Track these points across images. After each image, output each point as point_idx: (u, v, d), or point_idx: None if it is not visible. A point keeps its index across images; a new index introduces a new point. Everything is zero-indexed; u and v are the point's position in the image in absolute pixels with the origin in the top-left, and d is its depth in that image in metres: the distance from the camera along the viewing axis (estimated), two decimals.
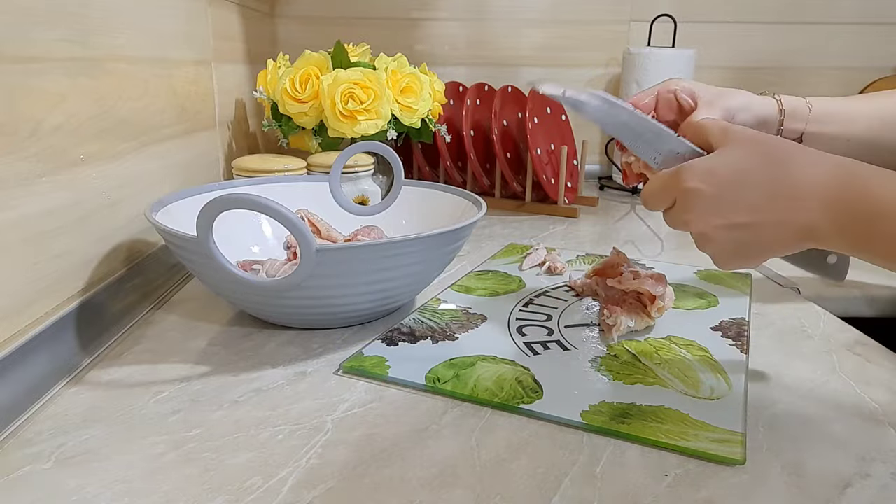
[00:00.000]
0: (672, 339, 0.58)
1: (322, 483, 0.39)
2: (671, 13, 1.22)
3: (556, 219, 1.05)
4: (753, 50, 1.37)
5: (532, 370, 0.52)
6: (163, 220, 0.55)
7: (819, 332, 0.61)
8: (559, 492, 0.38)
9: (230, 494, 0.37)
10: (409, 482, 0.39)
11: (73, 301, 0.54)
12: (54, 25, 0.51)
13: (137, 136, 0.66)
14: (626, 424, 0.44)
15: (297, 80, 0.92)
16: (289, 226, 0.47)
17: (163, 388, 0.49)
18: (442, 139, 1.08)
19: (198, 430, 0.44)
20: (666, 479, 0.39)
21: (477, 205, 0.65)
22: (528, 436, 0.44)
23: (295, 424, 0.45)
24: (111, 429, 0.44)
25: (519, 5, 1.34)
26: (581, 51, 1.36)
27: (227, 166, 0.95)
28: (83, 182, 0.55)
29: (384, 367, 0.52)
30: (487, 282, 0.73)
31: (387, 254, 0.53)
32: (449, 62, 1.36)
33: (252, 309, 0.59)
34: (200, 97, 0.85)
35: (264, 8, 1.25)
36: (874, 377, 0.52)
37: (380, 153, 0.72)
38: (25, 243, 0.47)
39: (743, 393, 0.49)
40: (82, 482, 0.38)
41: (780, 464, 0.41)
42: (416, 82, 0.96)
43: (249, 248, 0.70)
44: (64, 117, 0.52)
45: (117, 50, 0.62)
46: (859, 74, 1.35)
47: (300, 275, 0.49)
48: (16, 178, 0.46)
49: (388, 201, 0.75)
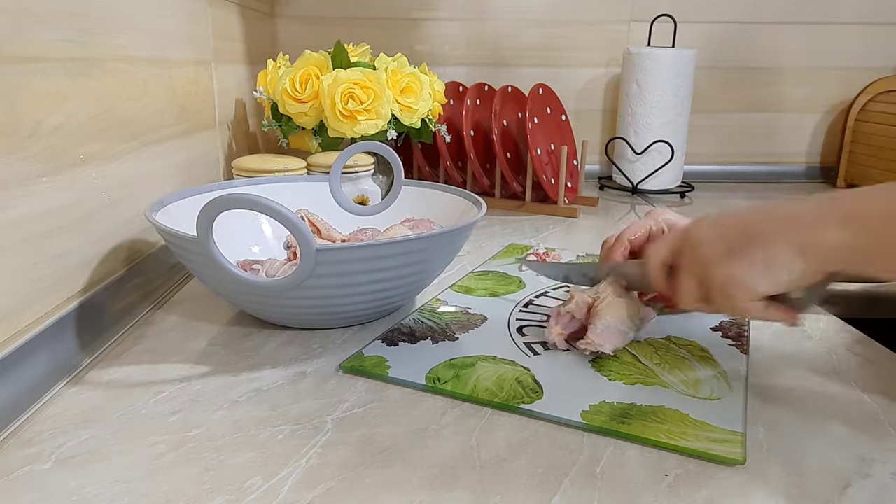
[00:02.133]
0: (672, 339, 0.58)
1: (322, 483, 0.39)
2: (671, 13, 1.22)
3: (556, 219, 1.05)
4: (753, 50, 1.37)
5: (532, 370, 0.52)
6: (163, 220, 0.55)
7: (819, 332, 0.61)
8: (559, 492, 0.38)
9: (230, 494, 0.37)
10: (409, 482, 0.39)
11: (73, 301, 0.54)
12: (54, 25, 0.51)
13: (137, 136, 0.66)
14: (626, 424, 0.44)
15: (297, 80, 0.92)
16: (289, 226, 0.47)
17: (163, 388, 0.49)
18: (442, 139, 1.08)
19: (198, 430, 0.44)
20: (666, 479, 0.39)
21: (477, 205, 0.65)
22: (528, 436, 0.44)
23: (295, 424, 0.45)
24: (111, 429, 0.44)
25: (519, 5, 1.34)
26: (581, 51, 1.36)
27: (227, 166, 0.95)
28: (83, 182, 0.55)
29: (384, 367, 0.52)
30: (487, 282, 0.73)
31: (387, 254, 0.53)
32: (449, 62, 1.36)
33: (252, 309, 0.59)
34: (200, 97, 0.85)
35: (264, 8, 1.25)
36: (874, 377, 0.52)
37: (380, 153, 0.72)
38: (25, 243, 0.47)
39: (743, 393, 0.49)
40: (82, 482, 0.38)
41: (780, 464, 0.41)
42: (416, 82, 0.96)
43: (249, 248, 0.70)
44: (64, 117, 0.52)
45: (117, 50, 0.62)
46: (859, 74, 1.35)
47: (300, 275, 0.49)
48: (16, 178, 0.46)
49: (388, 201, 0.75)
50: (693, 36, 1.32)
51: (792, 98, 1.40)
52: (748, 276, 0.43)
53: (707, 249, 0.45)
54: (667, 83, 1.20)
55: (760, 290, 0.44)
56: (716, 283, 0.45)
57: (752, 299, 0.44)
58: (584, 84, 1.39)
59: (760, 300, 0.44)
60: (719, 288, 0.45)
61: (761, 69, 1.38)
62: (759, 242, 0.43)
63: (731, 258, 0.44)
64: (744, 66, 1.38)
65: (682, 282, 0.48)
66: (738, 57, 1.37)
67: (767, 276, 0.43)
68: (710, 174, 1.42)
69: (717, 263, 0.45)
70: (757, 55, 1.37)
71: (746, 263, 0.43)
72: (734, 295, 0.44)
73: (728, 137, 1.42)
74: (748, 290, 0.44)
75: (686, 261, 0.47)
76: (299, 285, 0.50)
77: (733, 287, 0.44)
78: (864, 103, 1.32)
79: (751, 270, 0.43)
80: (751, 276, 0.43)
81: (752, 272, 0.43)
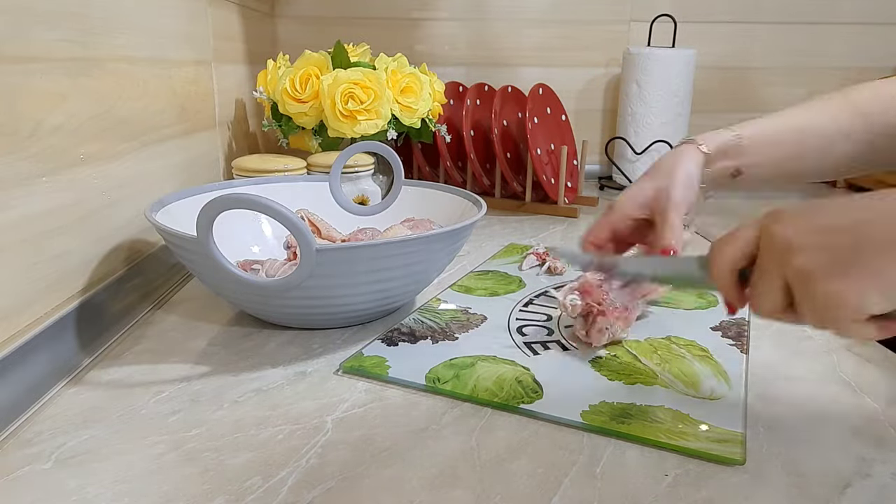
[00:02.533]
0: (672, 339, 0.58)
1: (322, 483, 0.39)
2: (671, 13, 1.22)
3: (556, 219, 1.05)
4: (753, 50, 1.37)
5: (532, 370, 0.52)
6: (163, 220, 0.55)
7: (819, 332, 0.61)
8: (559, 492, 0.38)
9: (230, 494, 0.37)
10: (409, 482, 0.39)
11: (73, 301, 0.54)
12: (54, 25, 0.51)
13: (137, 136, 0.66)
14: (626, 424, 0.44)
15: (297, 80, 0.92)
16: (289, 226, 0.47)
17: (163, 388, 0.49)
18: (442, 139, 1.08)
19: (198, 430, 0.44)
20: (666, 479, 0.39)
21: (477, 205, 0.65)
22: (528, 436, 0.44)
23: (295, 424, 0.45)
24: (111, 429, 0.44)
25: (519, 5, 1.34)
26: (581, 51, 1.36)
27: (227, 166, 0.95)
28: (83, 182, 0.55)
29: (384, 367, 0.52)
30: (487, 282, 0.73)
31: (387, 254, 0.53)
32: (449, 62, 1.36)
33: (252, 309, 0.59)
34: (200, 97, 0.85)
35: (264, 8, 1.25)
36: (874, 377, 0.52)
37: (380, 153, 0.72)
38: (25, 243, 0.47)
39: (743, 393, 0.49)
40: (82, 482, 0.38)
41: (780, 464, 0.41)
42: (416, 82, 0.96)
43: (249, 248, 0.70)
44: (64, 117, 0.52)
45: (117, 50, 0.62)
46: (859, 74, 1.35)
47: (300, 275, 0.49)
48: (16, 178, 0.46)
49: (388, 201, 0.75)
50: (693, 36, 1.32)
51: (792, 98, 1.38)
52: (861, 296, 0.35)
53: (805, 260, 0.36)
54: (667, 83, 1.20)
55: (875, 311, 0.36)
56: (818, 301, 0.37)
57: (860, 320, 0.36)
58: (584, 84, 1.39)
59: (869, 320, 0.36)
60: (822, 307, 0.37)
61: (761, 69, 1.38)
62: (876, 255, 0.35)
63: (840, 274, 0.36)
64: (744, 66, 1.38)
65: (764, 290, 0.39)
66: (738, 57, 1.37)
67: (884, 297, 0.35)
68: None
69: (822, 279, 0.36)
70: (757, 55, 1.37)
71: (858, 281, 0.35)
72: (839, 316, 0.36)
73: None
74: (858, 310, 0.36)
75: (773, 267, 0.38)
76: (299, 285, 0.50)
77: (840, 308, 0.36)
78: None
79: (863, 289, 0.35)
80: (864, 296, 0.35)
81: (867, 292, 0.35)
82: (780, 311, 0.39)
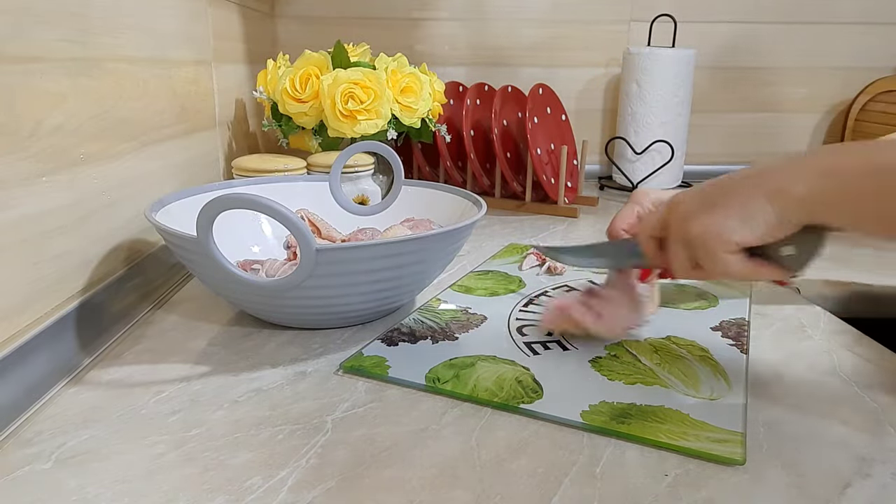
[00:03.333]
0: (672, 339, 0.58)
1: (322, 483, 0.39)
2: (671, 13, 1.22)
3: (556, 219, 1.05)
4: (753, 50, 1.37)
5: (532, 370, 0.52)
6: (163, 220, 0.55)
7: (819, 332, 0.61)
8: (559, 492, 0.38)
9: (230, 494, 0.37)
10: (409, 482, 0.39)
11: (73, 301, 0.54)
12: (54, 25, 0.51)
13: (137, 136, 0.66)
14: (626, 424, 0.44)
15: (297, 80, 0.92)
16: (289, 226, 0.47)
17: (163, 388, 0.49)
18: (442, 139, 1.08)
19: (198, 430, 0.44)
20: (666, 479, 0.39)
21: (477, 205, 0.65)
22: (528, 436, 0.44)
23: (295, 424, 0.45)
24: (111, 429, 0.44)
25: (519, 5, 1.34)
26: (581, 51, 1.36)
27: (227, 166, 0.95)
28: (83, 182, 0.55)
29: (384, 367, 0.52)
30: (487, 282, 0.73)
31: (387, 254, 0.53)
32: (449, 62, 1.36)
33: (252, 309, 0.59)
34: (200, 97, 0.85)
35: (264, 8, 1.25)
36: (874, 377, 0.52)
37: (380, 153, 0.72)
38: (25, 243, 0.47)
39: (743, 393, 0.49)
40: (82, 482, 0.38)
41: (780, 464, 0.41)
42: (416, 82, 0.96)
43: (249, 248, 0.70)
44: (64, 117, 0.52)
45: (117, 50, 0.62)
46: (859, 74, 1.35)
47: (300, 275, 0.49)
48: (16, 178, 0.46)
49: (388, 201, 0.75)
50: (693, 36, 1.32)
51: (792, 98, 1.40)
52: (722, 225, 0.44)
53: (685, 207, 0.47)
54: (667, 83, 1.20)
55: (736, 239, 0.43)
56: (695, 237, 0.45)
57: (730, 251, 0.44)
58: (584, 84, 1.39)
59: (740, 252, 0.44)
60: (699, 243, 0.45)
61: (761, 69, 1.38)
62: (734, 194, 0.44)
63: (706, 210, 0.45)
64: (744, 66, 1.38)
65: (670, 248, 0.48)
66: (738, 57, 1.37)
67: (743, 224, 0.43)
68: (710, 174, 1.39)
69: (693, 217, 0.45)
70: (757, 55, 1.37)
71: (721, 213, 0.44)
72: (713, 248, 0.44)
73: (728, 137, 1.42)
74: (724, 240, 0.44)
75: (673, 231, 0.48)
76: (299, 285, 0.50)
77: (710, 238, 0.44)
78: (864, 103, 1.32)
79: (725, 219, 0.43)
80: (725, 225, 0.43)
81: (727, 221, 0.43)
82: (690, 268, 0.48)
